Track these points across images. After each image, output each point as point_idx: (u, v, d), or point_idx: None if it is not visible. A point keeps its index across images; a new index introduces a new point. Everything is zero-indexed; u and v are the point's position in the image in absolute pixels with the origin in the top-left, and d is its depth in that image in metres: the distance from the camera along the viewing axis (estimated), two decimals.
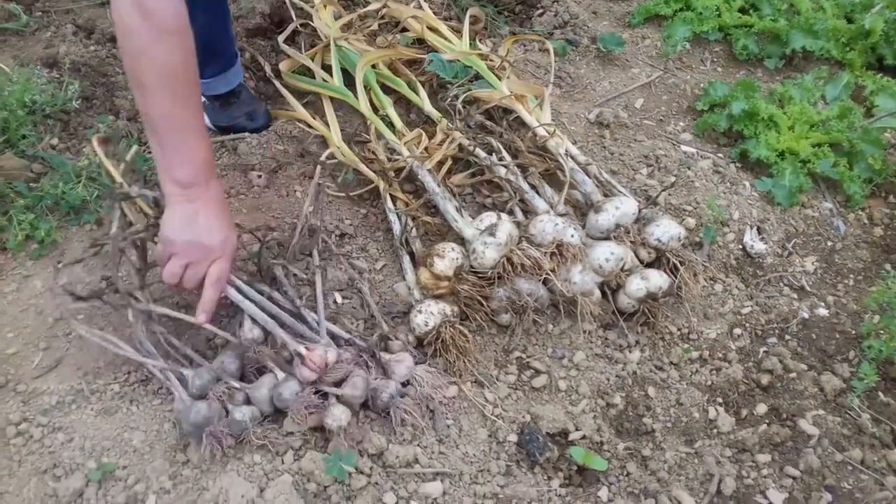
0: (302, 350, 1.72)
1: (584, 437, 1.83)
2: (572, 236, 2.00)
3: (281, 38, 2.77)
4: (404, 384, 1.81)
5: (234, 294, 1.81)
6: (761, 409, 1.95)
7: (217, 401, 1.72)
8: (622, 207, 2.08)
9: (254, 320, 1.82)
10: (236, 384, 1.75)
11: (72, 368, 1.87)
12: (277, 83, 2.64)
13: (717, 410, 1.93)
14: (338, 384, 1.75)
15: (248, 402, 1.76)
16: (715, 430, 1.90)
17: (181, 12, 1.64)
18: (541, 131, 2.33)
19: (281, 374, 1.75)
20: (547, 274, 1.93)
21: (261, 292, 1.87)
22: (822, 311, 2.19)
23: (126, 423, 1.77)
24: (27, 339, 1.92)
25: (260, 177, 2.36)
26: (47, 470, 1.69)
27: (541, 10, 3.02)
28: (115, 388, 1.83)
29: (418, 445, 1.76)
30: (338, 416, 1.70)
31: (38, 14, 2.81)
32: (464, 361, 1.88)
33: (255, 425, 1.72)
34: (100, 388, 1.83)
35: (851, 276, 2.30)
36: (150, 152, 1.80)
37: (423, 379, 1.81)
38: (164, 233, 1.71)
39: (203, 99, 2.46)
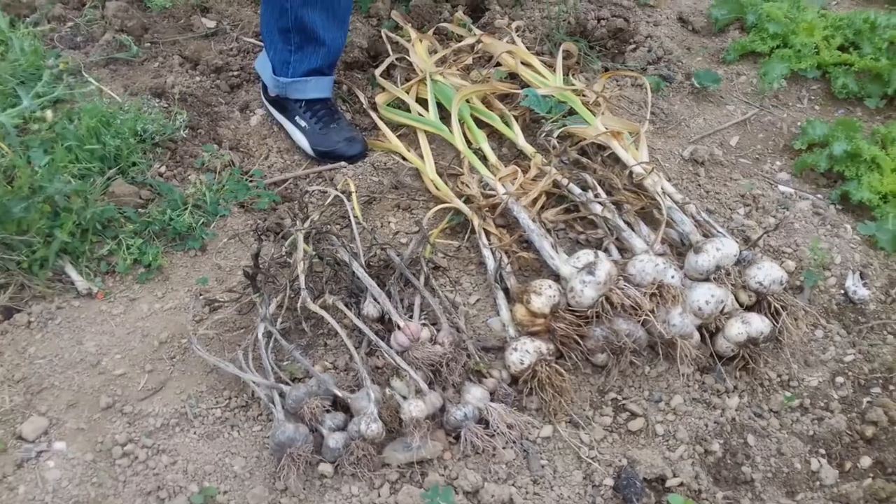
0: (401, 322, 1.86)
1: (681, 485, 1.79)
2: (672, 277, 1.97)
3: (377, 72, 2.82)
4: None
5: (359, 270, 1.95)
6: (865, 462, 1.88)
7: (310, 416, 1.75)
8: (723, 249, 2.05)
9: (373, 299, 1.95)
10: (338, 392, 1.79)
11: (175, 391, 1.92)
12: (374, 115, 2.69)
13: (819, 462, 1.87)
14: (426, 364, 1.82)
15: (343, 427, 1.78)
16: (818, 483, 1.84)
17: None
18: (638, 169, 2.31)
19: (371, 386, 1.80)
20: (646, 315, 1.91)
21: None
22: None
23: (227, 448, 1.81)
24: (133, 361, 1.98)
25: (354, 208, 2.40)
26: (151, 492, 1.73)
27: (634, 46, 3.01)
28: (216, 412, 1.87)
29: (513, 485, 1.75)
30: (414, 408, 1.72)
31: (146, 45, 2.93)
32: (560, 401, 1.87)
33: (349, 453, 1.73)
34: (202, 413, 1.87)
35: None
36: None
37: (496, 412, 1.81)
38: None
39: (304, 124, 2.53)
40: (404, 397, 1.79)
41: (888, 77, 2.83)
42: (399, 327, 1.87)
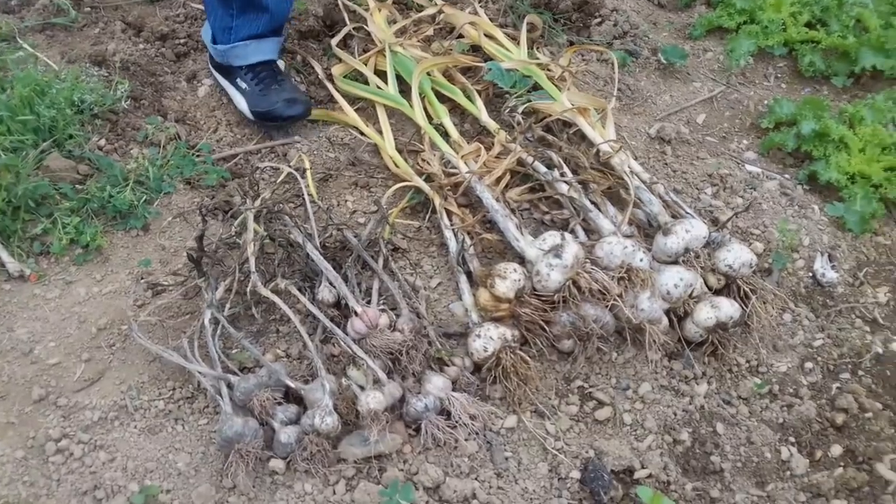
0: (358, 308, 1.76)
1: (650, 476, 1.73)
2: (641, 260, 1.90)
3: (334, 42, 2.69)
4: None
5: (314, 252, 1.86)
6: (836, 450, 1.84)
7: (260, 409, 1.65)
8: (692, 230, 1.98)
9: (329, 284, 1.85)
10: (291, 383, 1.69)
11: (115, 382, 1.79)
12: (330, 87, 2.56)
13: (789, 451, 1.82)
14: (384, 352, 1.74)
15: (296, 420, 1.68)
16: (788, 473, 1.79)
17: None
18: (605, 147, 2.23)
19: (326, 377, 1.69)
20: (614, 300, 1.83)
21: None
22: None
23: (171, 444, 1.69)
24: (69, 349, 1.85)
25: (309, 186, 2.27)
26: (88, 491, 1.62)
27: (599, 19, 2.92)
28: (159, 404, 1.75)
29: (476, 479, 1.67)
30: (371, 400, 1.64)
31: (86, 10, 2.76)
32: (524, 390, 1.79)
33: (302, 449, 1.63)
34: (144, 405, 1.75)
35: None
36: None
37: (458, 402, 1.72)
38: None
39: (244, 86, 2.39)
40: (362, 388, 1.69)
41: (855, 55, 2.78)
42: (356, 313, 1.77)
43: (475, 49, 2.68)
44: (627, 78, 2.73)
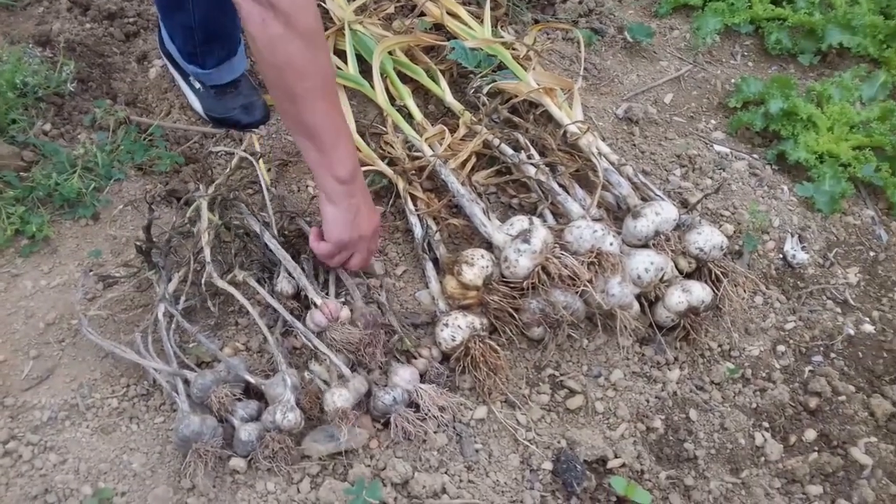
0: (318, 300, 1.70)
1: (623, 465, 1.69)
2: (611, 244, 1.85)
3: None
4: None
5: (271, 241, 1.79)
6: (810, 434, 1.82)
7: (218, 406, 1.58)
8: (662, 213, 1.93)
9: (288, 274, 1.80)
10: (251, 378, 1.62)
11: (65, 380, 1.71)
12: None
13: (763, 436, 1.80)
14: (345, 346, 1.68)
15: (256, 417, 1.61)
16: (762, 459, 1.77)
17: (315, 6, 1.54)
18: (572, 129, 2.17)
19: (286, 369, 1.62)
20: (585, 285, 1.78)
21: None
22: (868, 328, 2.05)
23: (125, 444, 1.62)
24: (16, 345, 1.76)
25: (269, 171, 2.19)
26: (38, 496, 1.53)
27: None
28: (112, 402, 1.67)
29: (446, 473, 1.62)
30: (337, 398, 1.58)
31: None
32: (494, 380, 1.73)
33: (263, 447, 1.56)
34: (96, 403, 1.67)
35: None
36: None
37: (427, 394, 1.67)
38: (337, 235, 1.73)
39: (198, 86, 2.29)
40: (326, 382, 1.62)
41: (822, 33, 2.75)
42: (316, 305, 1.70)
43: (438, 28, 2.60)
44: (593, 57, 2.68)
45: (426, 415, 1.64)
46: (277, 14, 1.46)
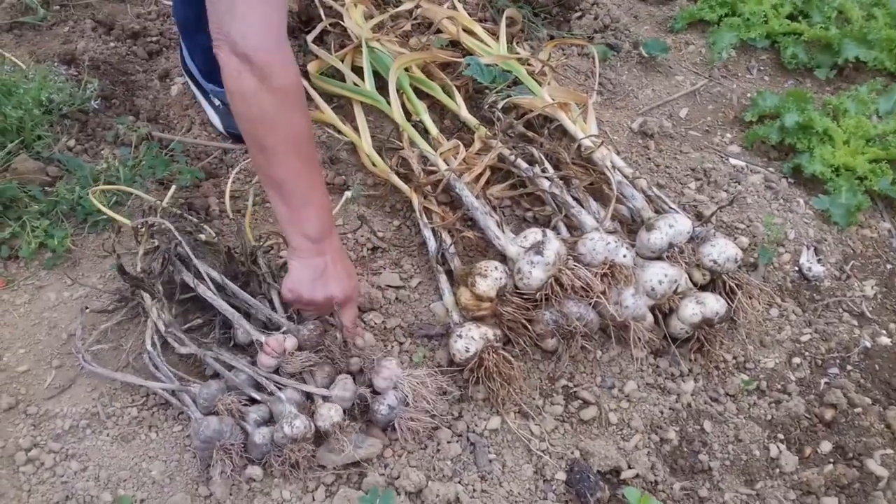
0: (262, 337, 1.66)
1: (637, 476, 1.69)
2: (624, 256, 1.86)
3: (309, 38, 2.63)
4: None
5: (206, 293, 1.74)
6: (825, 447, 1.81)
7: (228, 414, 1.60)
8: (676, 225, 1.94)
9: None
10: (255, 394, 1.63)
11: (86, 389, 1.74)
12: (306, 84, 2.50)
13: (778, 448, 1.79)
14: (299, 374, 1.67)
15: (269, 420, 1.63)
16: (777, 470, 1.76)
17: (292, 60, 1.54)
18: (586, 142, 2.19)
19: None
20: (598, 297, 1.79)
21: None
22: (885, 340, 2.04)
23: (144, 452, 1.64)
24: (39, 355, 1.79)
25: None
26: (59, 502, 1.57)
27: (579, 13, 2.89)
28: (132, 412, 1.70)
29: (459, 482, 1.63)
30: (326, 415, 1.58)
31: (55, 8, 2.68)
32: (508, 390, 1.75)
33: (282, 461, 1.57)
34: (116, 412, 1.70)
35: None
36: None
37: (409, 385, 1.66)
38: (296, 290, 1.68)
39: (218, 102, 2.33)
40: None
41: (838, 47, 2.76)
42: (261, 347, 1.66)
43: (454, 44, 2.63)
44: (609, 72, 2.70)
45: (423, 405, 1.64)
46: (253, 68, 1.46)
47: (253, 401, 1.64)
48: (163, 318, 1.74)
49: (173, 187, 2.08)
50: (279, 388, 1.63)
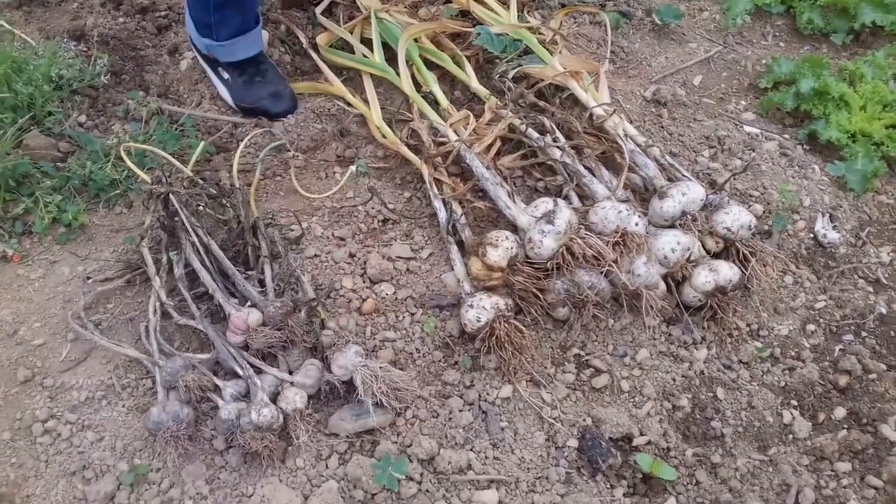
0: (231, 311, 1.66)
1: (649, 443, 1.69)
2: (636, 224, 1.85)
3: (318, 10, 2.62)
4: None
5: (201, 271, 1.76)
6: (839, 412, 1.80)
7: (185, 394, 1.61)
8: (689, 193, 1.93)
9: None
10: (217, 381, 1.63)
11: (101, 361, 1.76)
12: (315, 57, 2.49)
13: (792, 414, 1.79)
14: (267, 350, 1.66)
15: (245, 394, 1.64)
16: (790, 436, 1.75)
17: None
18: (598, 111, 2.17)
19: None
20: (609, 265, 1.78)
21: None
22: None
23: None
24: (54, 329, 1.81)
25: (297, 157, 2.22)
26: (76, 472, 1.59)
27: None
28: (147, 383, 1.72)
29: (471, 450, 1.63)
30: (290, 398, 1.59)
31: None
32: (520, 359, 1.75)
33: (245, 446, 1.57)
34: (131, 384, 1.72)
35: None
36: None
37: (374, 376, 1.61)
38: None
39: (227, 76, 2.33)
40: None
41: (855, 11, 2.71)
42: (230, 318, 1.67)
43: (464, 14, 2.61)
44: (621, 40, 2.66)
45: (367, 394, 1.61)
46: None
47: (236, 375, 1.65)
48: (164, 288, 1.75)
49: (201, 145, 2.10)
50: (257, 372, 1.63)
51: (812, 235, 2.14)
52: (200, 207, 1.94)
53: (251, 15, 2.27)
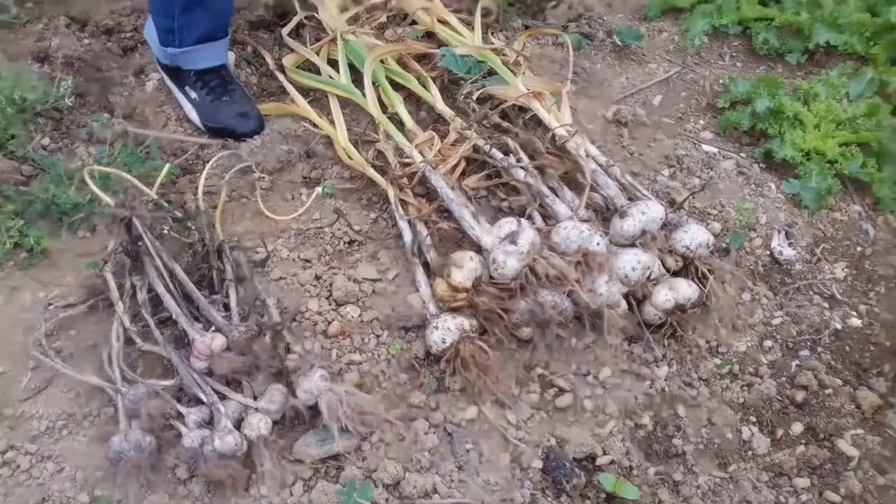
0: (195, 336, 1.66)
1: (612, 462, 1.72)
2: (598, 244, 1.88)
3: (285, 31, 2.63)
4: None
5: (165, 296, 1.76)
6: (797, 428, 1.85)
7: (148, 422, 1.60)
8: (648, 212, 1.96)
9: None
10: (179, 407, 1.63)
11: (63, 389, 1.75)
12: (282, 78, 2.51)
13: (751, 430, 1.83)
14: (232, 376, 1.66)
15: (210, 420, 1.63)
16: (750, 453, 1.79)
17: None
18: (560, 132, 2.21)
19: None
20: (572, 285, 1.81)
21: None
22: (855, 322, 2.08)
23: None
24: (15, 357, 1.79)
25: (263, 178, 2.23)
26: None
27: (554, 3, 2.89)
28: (109, 411, 1.71)
29: (436, 473, 1.65)
30: (254, 425, 1.59)
31: (28, 5, 2.67)
32: (484, 380, 1.77)
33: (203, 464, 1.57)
34: (93, 412, 1.71)
35: (882, 283, 2.19)
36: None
37: (339, 400, 1.63)
38: None
39: (194, 95, 2.33)
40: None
41: (809, 32, 2.78)
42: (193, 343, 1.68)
43: (429, 35, 2.64)
44: (583, 61, 2.71)
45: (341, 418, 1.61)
46: None
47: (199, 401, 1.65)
48: (128, 313, 1.74)
49: (166, 167, 2.10)
50: (221, 398, 1.64)
51: (768, 252, 2.19)
52: (165, 231, 1.94)
53: (220, 22, 2.28)
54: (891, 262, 2.24)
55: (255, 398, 1.65)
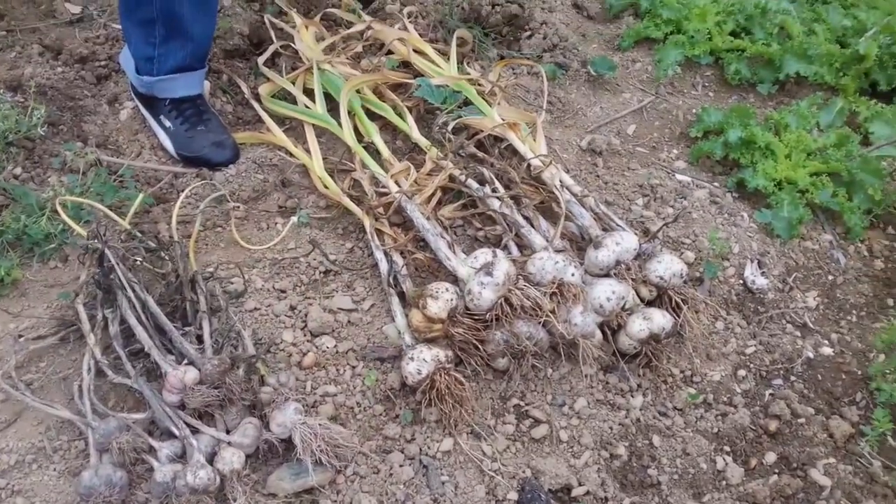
0: (168, 369, 1.65)
1: (587, 493, 1.72)
2: (573, 275, 1.89)
3: (261, 61, 2.64)
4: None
5: (137, 328, 1.74)
6: (770, 457, 1.85)
7: (119, 456, 1.58)
8: (623, 243, 1.98)
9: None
10: (151, 442, 1.60)
11: (32, 423, 1.72)
12: (257, 107, 2.51)
13: (725, 460, 1.83)
14: (205, 409, 1.64)
15: (182, 454, 1.61)
16: (724, 482, 1.80)
17: None
18: (536, 162, 2.22)
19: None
20: (547, 316, 1.82)
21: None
22: (827, 350, 2.10)
23: None
24: None
25: (238, 208, 2.22)
26: None
27: (529, 33, 2.93)
28: (80, 444, 1.68)
29: None
30: (227, 459, 1.57)
31: (1, 33, 2.66)
32: (460, 412, 1.76)
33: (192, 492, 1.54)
34: (63, 446, 1.68)
35: (854, 311, 2.22)
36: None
37: (313, 433, 1.61)
38: None
39: (168, 124, 2.33)
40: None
41: (779, 62, 2.84)
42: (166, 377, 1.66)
43: (405, 65, 2.66)
44: (558, 91, 2.74)
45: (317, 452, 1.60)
46: None
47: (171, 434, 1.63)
48: (100, 345, 1.73)
49: (140, 197, 2.09)
50: (194, 432, 1.62)
51: (742, 281, 2.22)
52: (138, 261, 1.93)
53: (199, 53, 2.28)
54: (862, 291, 2.27)
55: (228, 432, 1.64)
